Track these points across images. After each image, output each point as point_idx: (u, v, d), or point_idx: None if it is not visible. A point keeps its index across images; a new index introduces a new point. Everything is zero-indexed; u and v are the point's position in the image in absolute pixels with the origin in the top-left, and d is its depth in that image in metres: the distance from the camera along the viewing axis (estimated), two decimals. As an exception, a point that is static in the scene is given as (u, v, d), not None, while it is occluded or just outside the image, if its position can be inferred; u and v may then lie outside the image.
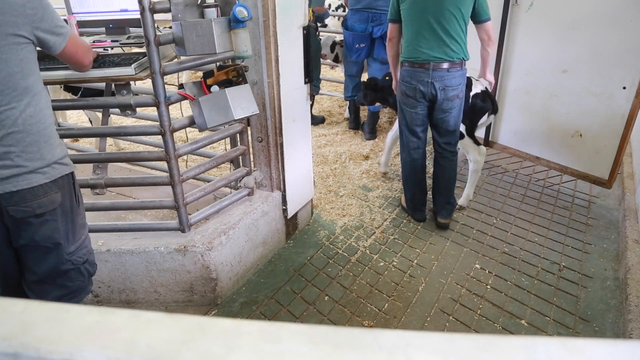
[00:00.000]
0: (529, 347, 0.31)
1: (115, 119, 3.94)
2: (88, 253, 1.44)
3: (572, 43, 2.68)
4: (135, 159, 2.48)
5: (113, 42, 1.99)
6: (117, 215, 2.68)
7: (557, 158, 2.98)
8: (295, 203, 2.43)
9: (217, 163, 2.05)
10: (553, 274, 2.15)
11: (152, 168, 2.70)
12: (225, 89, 1.71)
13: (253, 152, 2.25)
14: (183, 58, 1.77)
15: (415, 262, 2.27)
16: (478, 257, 2.30)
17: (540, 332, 1.83)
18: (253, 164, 2.26)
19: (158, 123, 1.76)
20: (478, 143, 2.65)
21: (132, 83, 1.76)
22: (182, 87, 1.77)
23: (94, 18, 2.08)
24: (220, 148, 3.31)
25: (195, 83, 1.76)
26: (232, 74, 1.75)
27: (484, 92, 2.60)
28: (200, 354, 0.31)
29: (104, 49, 1.90)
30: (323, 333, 0.33)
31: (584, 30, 2.60)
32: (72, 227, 1.35)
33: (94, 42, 1.99)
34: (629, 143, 3.04)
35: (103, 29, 2.16)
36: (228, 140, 2.27)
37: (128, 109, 1.77)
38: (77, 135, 3.14)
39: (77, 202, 1.37)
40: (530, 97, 3.02)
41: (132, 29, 2.14)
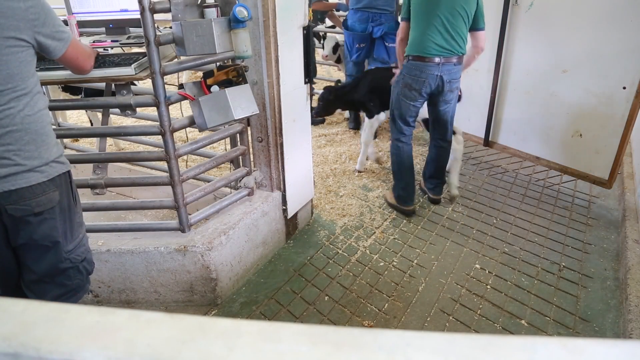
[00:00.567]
0: (529, 347, 0.31)
1: (115, 119, 3.94)
2: (86, 251, 1.44)
3: (572, 43, 2.68)
4: (135, 159, 2.48)
5: (113, 42, 1.99)
6: (117, 215, 2.68)
7: (557, 158, 2.98)
8: (295, 203, 2.43)
9: (217, 163, 2.05)
10: (553, 274, 2.15)
11: (152, 168, 2.70)
12: (225, 89, 1.71)
13: (253, 152, 2.25)
14: (183, 58, 1.77)
15: (415, 262, 2.27)
16: (478, 257, 2.30)
17: (540, 332, 1.83)
18: (253, 164, 2.26)
19: (158, 123, 1.76)
20: (455, 132, 2.81)
21: (137, 83, 1.76)
22: (182, 87, 1.77)
23: (94, 18, 2.08)
24: (220, 148, 3.31)
25: (195, 83, 1.76)
26: (232, 74, 1.75)
27: None
28: (200, 354, 0.31)
29: (104, 49, 1.90)
30: (323, 333, 0.33)
31: (584, 30, 2.60)
32: (70, 225, 1.35)
33: (94, 42, 1.99)
34: (629, 143, 3.04)
35: (103, 29, 2.16)
36: (228, 140, 2.27)
37: (128, 109, 1.77)
38: (77, 135, 3.14)
39: (74, 200, 1.37)
40: (530, 97, 3.02)
41: (132, 29, 2.14)
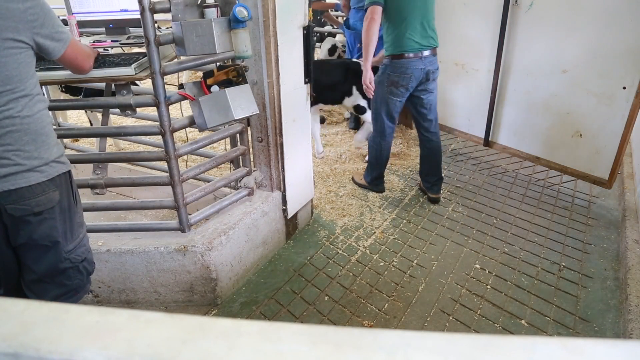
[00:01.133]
0: (529, 347, 0.31)
1: (115, 119, 3.94)
2: (86, 251, 1.44)
3: (572, 43, 2.68)
4: (135, 159, 2.48)
5: (113, 42, 1.99)
6: (117, 215, 2.68)
7: (557, 158, 2.98)
8: (295, 203, 2.43)
9: (217, 163, 2.05)
10: (553, 274, 2.15)
11: (152, 168, 2.70)
12: (225, 89, 1.71)
13: (253, 152, 2.25)
14: (183, 58, 1.77)
15: (415, 262, 2.27)
16: (478, 257, 2.30)
17: (540, 332, 1.83)
18: (253, 164, 2.26)
19: (158, 123, 1.76)
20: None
21: (138, 83, 1.76)
22: (182, 87, 1.77)
23: (94, 18, 2.08)
24: (220, 148, 3.31)
25: (195, 83, 1.76)
26: (232, 74, 1.75)
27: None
28: (200, 354, 0.31)
29: (104, 49, 1.90)
30: (323, 333, 0.33)
31: (584, 30, 2.60)
32: (70, 225, 1.35)
33: (94, 42, 1.99)
34: (629, 143, 3.04)
35: (103, 29, 2.16)
36: (228, 140, 2.27)
37: (128, 109, 1.77)
38: (77, 135, 3.14)
39: (74, 200, 1.37)
40: (530, 97, 3.02)
41: (132, 29, 2.14)
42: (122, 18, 2.06)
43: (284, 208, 2.35)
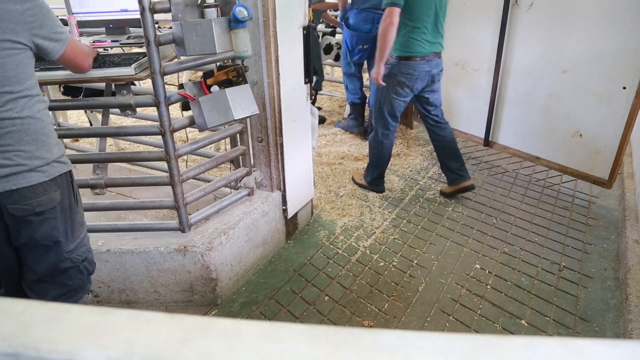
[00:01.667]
0: (529, 347, 0.31)
1: (115, 119, 3.94)
2: (87, 251, 1.44)
3: (572, 43, 2.68)
4: (135, 159, 2.48)
5: (113, 42, 1.99)
6: (117, 215, 2.68)
7: (557, 158, 2.98)
8: (295, 203, 2.43)
9: (217, 163, 2.05)
10: (553, 274, 2.15)
11: (152, 168, 2.70)
12: (225, 89, 1.71)
13: (253, 152, 2.25)
14: (183, 58, 1.77)
15: (415, 262, 2.27)
16: (478, 257, 2.30)
17: (540, 332, 1.83)
18: (253, 164, 2.26)
19: (158, 123, 1.76)
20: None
21: (137, 83, 1.76)
22: (182, 87, 1.77)
23: (94, 18, 2.08)
24: (221, 148, 3.31)
25: (195, 83, 1.76)
26: (232, 74, 1.75)
27: None
28: (200, 354, 0.31)
29: (104, 49, 1.90)
30: (323, 333, 0.33)
31: (584, 30, 2.60)
32: (71, 225, 1.35)
33: (94, 42, 1.99)
34: (629, 143, 3.04)
35: (103, 29, 2.16)
36: (228, 140, 2.27)
37: (128, 109, 1.77)
38: (77, 135, 3.14)
39: (75, 200, 1.37)
40: (530, 97, 3.02)
41: (132, 29, 2.14)
42: (122, 18, 2.06)
43: (284, 208, 2.35)
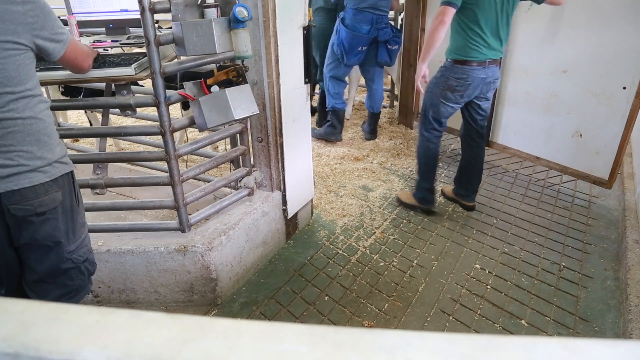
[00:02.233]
0: (529, 347, 0.31)
1: (115, 119, 3.94)
2: (88, 252, 1.45)
3: (572, 43, 2.68)
4: (135, 159, 2.48)
5: (113, 42, 1.99)
6: (117, 215, 2.68)
7: (557, 158, 2.98)
8: (295, 203, 2.43)
9: (217, 163, 2.05)
10: (553, 274, 2.15)
11: (152, 168, 2.70)
12: (225, 89, 1.71)
13: (253, 152, 2.25)
14: (183, 58, 1.77)
15: (415, 262, 2.27)
16: (478, 257, 2.30)
17: (540, 332, 1.83)
18: (253, 164, 2.26)
19: (158, 123, 1.76)
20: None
21: (140, 83, 1.76)
22: (182, 87, 1.77)
23: (94, 18, 2.08)
24: (221, 148, 3.31)
25: (195, 83, 1.76)
26: (232, 74, 1.75)
27: None
28: (200, 354, 0.31)
29: (104, 49, 1.90)
30: (323, 333, 0.33)
31: (584, 30, 2.60)
32: (72, 225, 1.36)
33: (94, 42, 1.99)
34: (629, 143, 3.04)
35: (103, 29, 2.16)
36: (228, 140, 2.27)
37: (128, 109, 1.77)
38: (77, 135, 3.14)
39: (77, 201, 1.37)
40: (530, 97, 3.02)
41: (132, 29, 2.14)
42: (122, 18, 2.06)
43: (284, 208, 2.35)
